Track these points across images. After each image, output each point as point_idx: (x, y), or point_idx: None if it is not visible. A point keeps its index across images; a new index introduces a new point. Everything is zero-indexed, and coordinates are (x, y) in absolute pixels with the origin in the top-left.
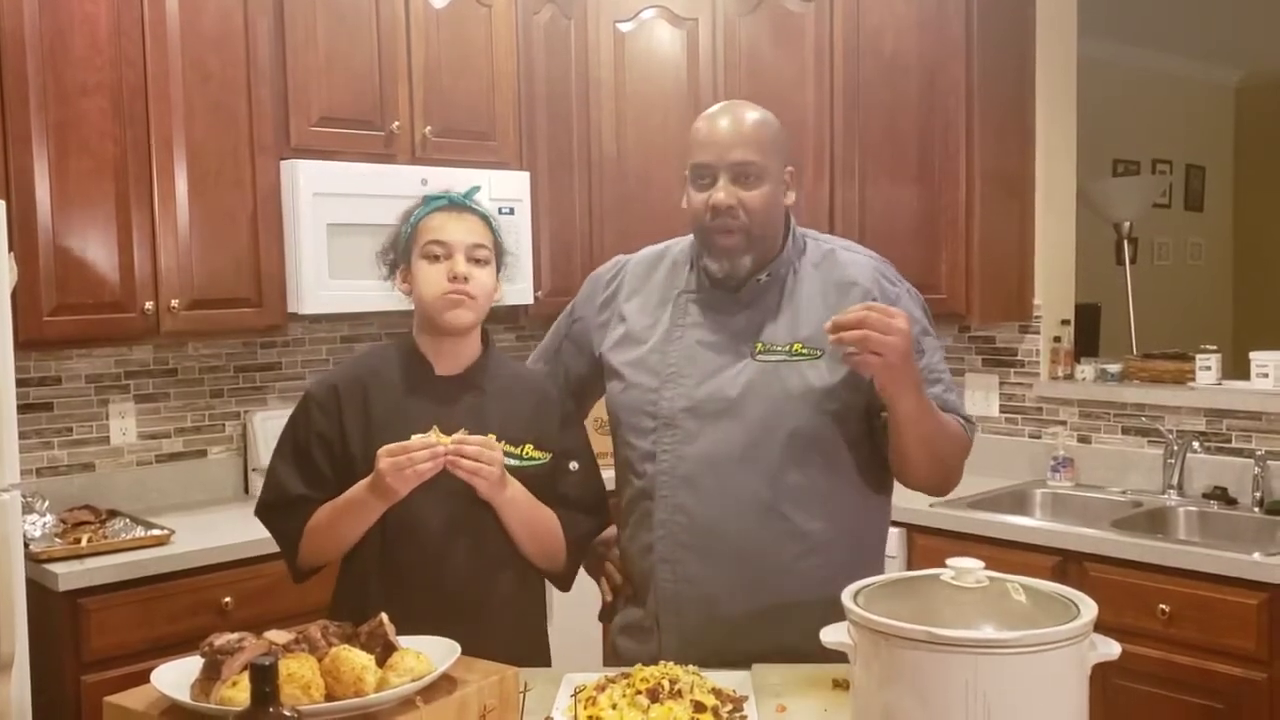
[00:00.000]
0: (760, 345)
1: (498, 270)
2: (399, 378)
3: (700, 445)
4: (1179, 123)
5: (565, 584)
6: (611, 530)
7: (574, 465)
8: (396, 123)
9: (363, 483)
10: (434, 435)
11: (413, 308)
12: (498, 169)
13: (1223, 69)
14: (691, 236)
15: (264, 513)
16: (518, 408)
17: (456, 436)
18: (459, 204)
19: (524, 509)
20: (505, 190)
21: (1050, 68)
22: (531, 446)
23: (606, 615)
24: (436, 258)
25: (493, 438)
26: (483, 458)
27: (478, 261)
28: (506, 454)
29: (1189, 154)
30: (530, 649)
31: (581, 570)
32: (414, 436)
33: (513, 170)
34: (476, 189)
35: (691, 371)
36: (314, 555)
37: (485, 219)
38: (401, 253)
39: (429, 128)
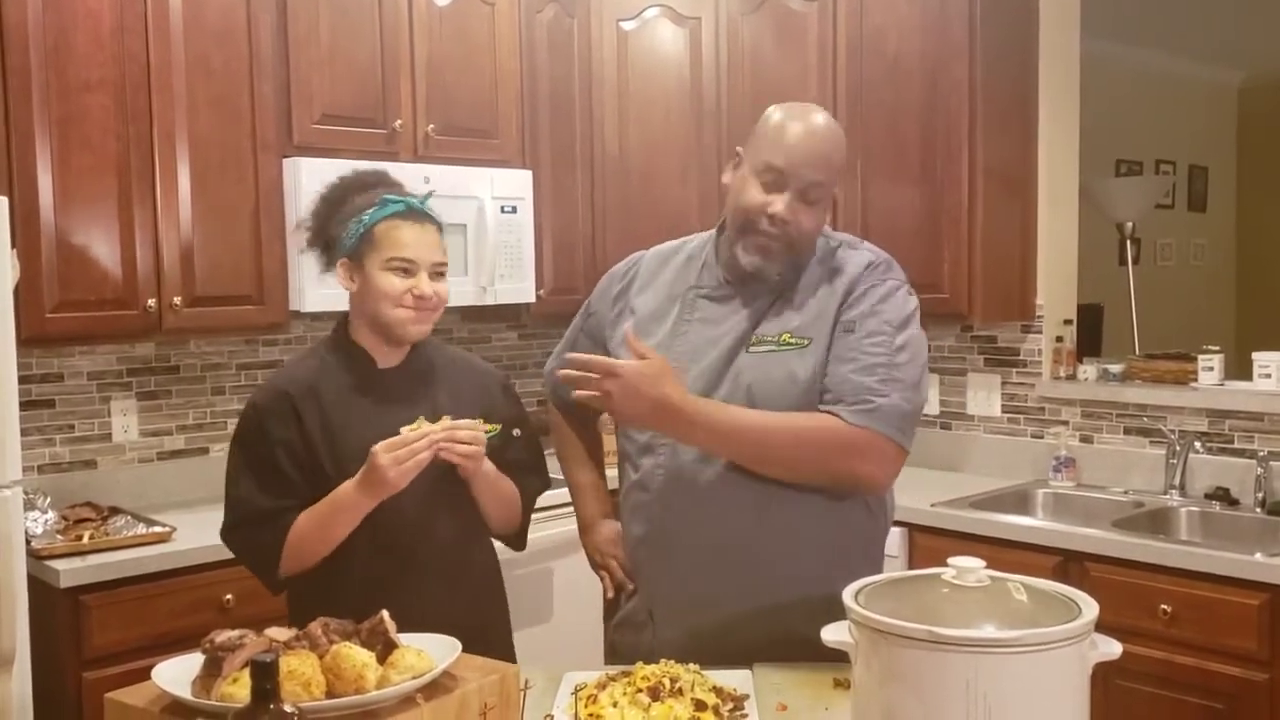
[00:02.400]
0: (755, 337)
1: None
2: (346, 378)
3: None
4: (1182, 123)
5: (520, 543)
6: (616, 527)
7: (517, 432)
8: (399, 120)
9: (349, 485)
10: (423, 425)
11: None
12: (500, 167)
13: (1226, 70)
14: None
15: (235, 533)
16: (462, 386)
17: (445, 423)
18: (419, 211)
19: (492, 479)
20: (507, 188)
21: (1053, 67)
22: (483, 420)
23: (609, 613)
24: (401, 270)
25: (480, 421)
26: (476, 440)
27: (438, 276)
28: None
29: (1192, 154)
30: (498, 609)
31: (583, 569)
32: (403, 429)
33: (515, 168)
34: (431, 193)
35: (691, 367)
36: (299, 562)
37: (439, 227)
38: (349, 250)
39: (431, 125)
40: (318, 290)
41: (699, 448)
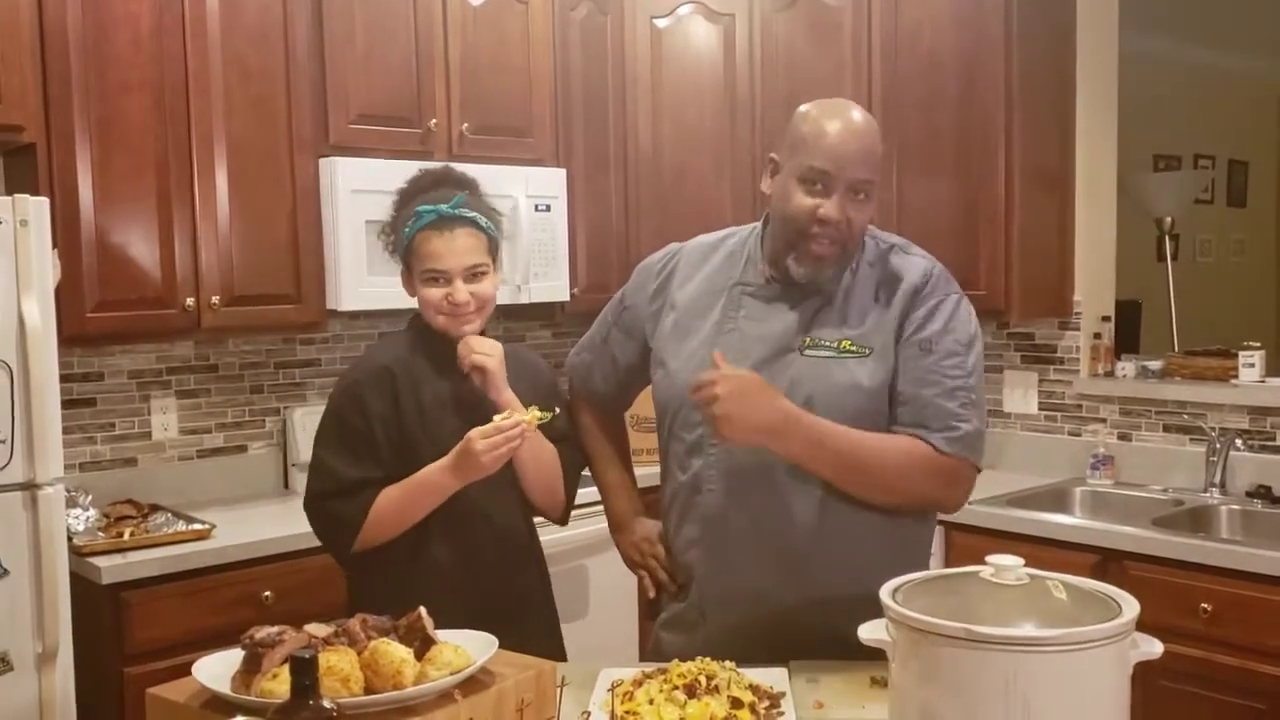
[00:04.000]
0: (809, 340)
1: (494, 259)
2: (434, 360)
3: None
4: (1222, 117)
5: (564, 516)
6: (656, 526)
7: (558, 409)
8: (434, 120)
9: (436, 467)
10: (515, 415)
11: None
12: (534, 166)
13: (1267, 64)
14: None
15: (321, 503)
16: (520, 375)
17: (534, 413)
18: (448, 218)
19: (535, 441)
20: (542, 187)
21: (1091, 61)
22: (537, 408)
23: (651, 611)
24: (435, 280)
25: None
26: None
27: (475, 277)
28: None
29: (1232, 149)
30: (549, 593)
31: (618, 565)
32: (496, 418)
33: (549, 167)
34: (463, 198)
35: (741, 365)
36: (377, 537)
37: (480, 226)
38: (402, 260)
39: (466, 125)
40: (355, 289)
41: (799, 461)
